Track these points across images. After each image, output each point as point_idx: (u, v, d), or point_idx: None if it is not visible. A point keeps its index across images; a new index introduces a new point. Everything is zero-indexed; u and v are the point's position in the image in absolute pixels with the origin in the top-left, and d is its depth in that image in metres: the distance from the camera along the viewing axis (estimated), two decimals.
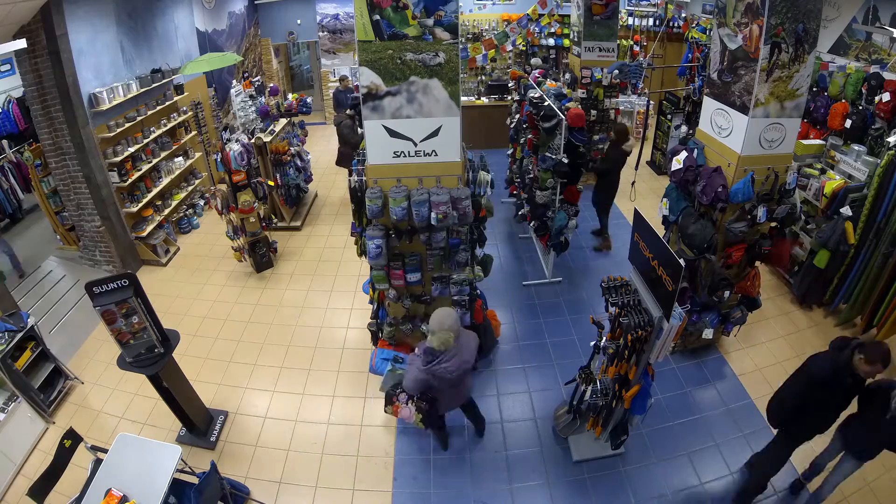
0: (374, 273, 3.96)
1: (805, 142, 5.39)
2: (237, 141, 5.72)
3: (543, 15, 9.12)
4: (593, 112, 7.60)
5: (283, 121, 7.39)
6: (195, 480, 2.88)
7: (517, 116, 6.78)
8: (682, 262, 2.66)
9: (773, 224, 4.13)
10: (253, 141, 6.24)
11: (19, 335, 4.17)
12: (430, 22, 3.24)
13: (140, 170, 6.37)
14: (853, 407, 3.16)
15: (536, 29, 10.42)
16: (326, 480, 3.83)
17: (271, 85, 7.84)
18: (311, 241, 6.98)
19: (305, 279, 6.15)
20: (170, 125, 6.98)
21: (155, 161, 6.67)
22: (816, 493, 3.46)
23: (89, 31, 5.64)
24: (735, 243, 4.07)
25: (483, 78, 10.80)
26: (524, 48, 10.92)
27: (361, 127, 4.80)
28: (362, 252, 4.11)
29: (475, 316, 4.30)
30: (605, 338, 3.38)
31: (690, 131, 5.55)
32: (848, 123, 5.29)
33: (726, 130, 3.99)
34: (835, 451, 3.40)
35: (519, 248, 6.69)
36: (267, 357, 4.98)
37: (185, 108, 7.50)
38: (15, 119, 7.03)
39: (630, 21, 10.37)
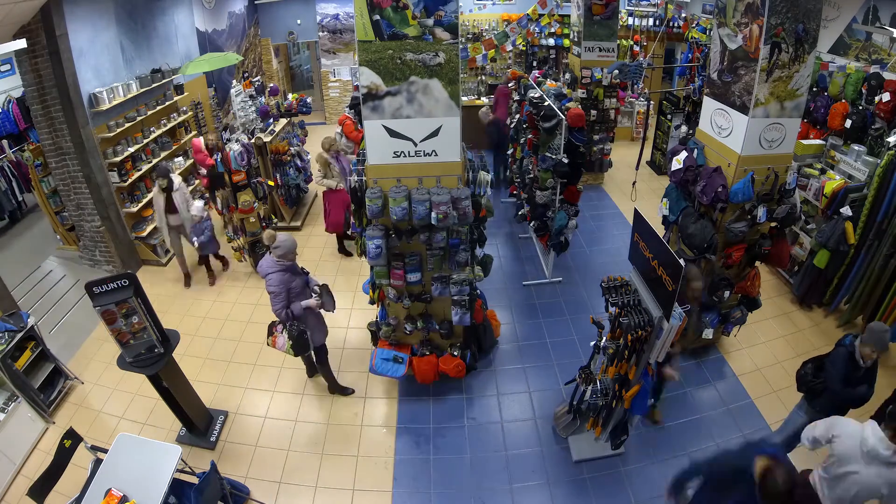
0: (376, 269, 3.96)
1: (805, 142, 5.39)
2: (237, 141, 5.72)
3: (543, 15, 9.13)
4: (593, 112, 7.60)
5: (283, 121, 7.39)
6: (195, 480, 2.87)
7: (517, 116, 6.78)
8: (682, 262, 2.66)
9: (773, 224, 4.13)
10: (253, 141, 6.24)
11: (19, 335, 4.17)
12: (430, 22, 3.24)
13: (140, 170, 6.36)
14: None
15: (536, 29, 10.42)
16: (326, 480, 3.84)
17: (271, 85, 7.84)
18: (311, 241, 6.97)
19: None
20: (170, 125, 6.98)
21: (155, 161, 6.66)
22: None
23: (89, 31, 5.64)
24: (735, 243, 4.07)
25: (483, 78, 10.80)
26: (524, 48, 10.92)
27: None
28: (362, 252, 4.11)
29: (475, 316, 4.30)
30: (605, 338, 3.38)
31: (690, 131, 5.55)
32: (848, 123, 5.29)
33: (726, 130, 3.99)
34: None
35: (519, 248, 6.68)
36: (267, 357, 4.97)
37: (185, 108, 7.50)
38: (15, 119, 7.03)
39: (630, 21, 10.37)
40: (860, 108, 5.32)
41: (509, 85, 7.58)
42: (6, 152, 7.03)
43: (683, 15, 10.18)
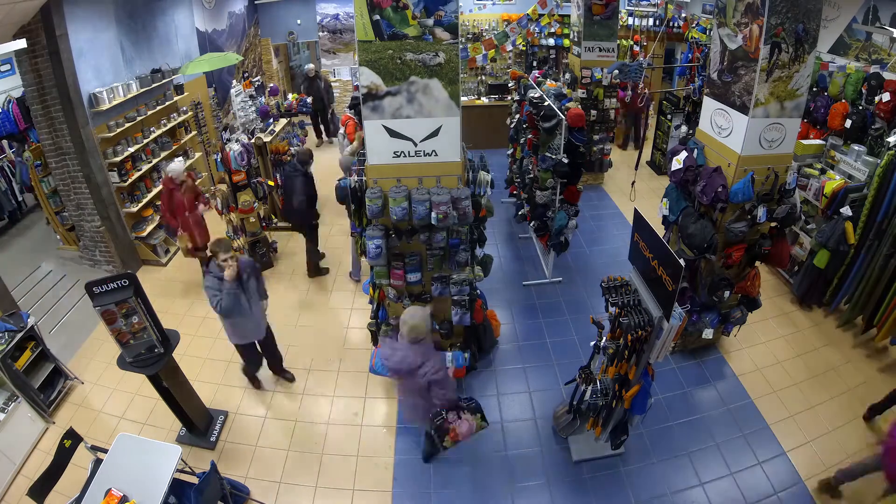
0: (376, 269, 3.96)
1: (805, 142, 5.39)
2: (237, 141, 5.72)
3: (543, 15, 9.13)
4: (593, 112, 7.60)
5: (283, 121, 7.39)
6: (195, 480, 2.87)
7: (517, 116, 6.78)
8: (682, 262, 2.66)
9: (773, 224, 4.13)
10: (253, 141, 6.24)
11: (19, 335, 4.17)
12: (430, 22, 3.24)
13: (140, 170, 6.36)
14: None
15: (536, 29, 10.42)
16: (326, 480, 3.84)
17: (271, 85, 7.84)
18: None
19: (305, 279, 6.14)
20: (170, 125, 6.98)
21: (155, 161, 6.66)
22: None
23: (89, 31, 5.64)
24: (735, 243, 4.07)
25: (483, 78, 10.80)
26: (524, 48, 10.92)
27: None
28: (362, 252, 4.11)
29: (475, 316, 4.30)
30: (605, 338, 3.38)
31: (690, 131, 5.55)
32: (848, 123, 5.29)
33: (726, 130, 3.99)
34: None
35: (519, 248, 6.68)
36: None
37: (185, 108, 7.50)
38: (15, 119, 7.02)
39: (630, 21, 10.37)
40: (860, 108, 5.32)
41: (510, 84, 7.43)
42: (6, 152, 7.03)
43: (683, 15, 10.17)
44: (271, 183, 6.66)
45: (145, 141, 6.44)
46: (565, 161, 5.03)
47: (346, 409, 4.40)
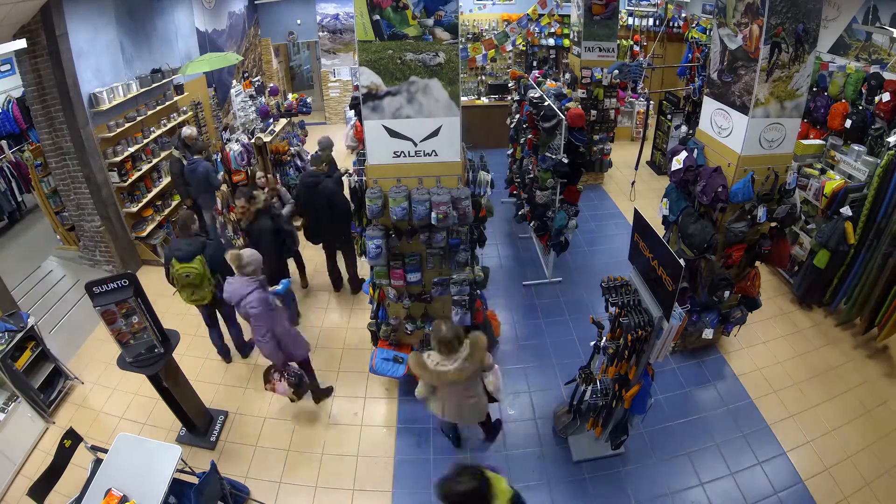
0: (376, 269, 3.97)
1: (805, 142, 5.39)
2: (237, 141, 5.72)
3: (543, 15, 9.12)
4: (593, 112, 7.60)
5: (284, 121, 7.40)
6: (195, 480, 2.88)
7: (517, 116, 6.78)
8: (682, 262, 2.66)
9: (773, 224, 4.13)
10: (253, 141, 6.24)
11: (19, 335, 4.17)
12: (430, 22, 3.25)
13: (140, 170, 6.36)
14: None
15: (536, 29, 10.42)
16: (326, 480, 3.84)
17: (271, 85, 7.84)
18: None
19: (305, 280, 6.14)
20: (170, 125, 6.97)
21: (155, 161, 6.66)
22: None
23: (89, 31, 5.64)
24: (735, 243, 4.07)
25: (483, 78, 10.80)
26: (524, 48, 10.92)
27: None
28: (362, 252, 4.11)
29: (475, 316, 4.30)
30: (605, 338, 3.38)
31: (690, 131, 5.55)
32: (848, 123, 5.28)
33: (726, 130, 3.99)
34: None
35: (519, 248, 6.69)
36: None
37: (185, 108, 7.50)
38: (15, 119, 7.03)
39: (630, 21, 10.37)
40: (860, 108, 5.31)
41: (509, 84, 7.51)
42: (6, 152, 7.03)
43: (683, 15, 10.18)
44: None
45: (145, 141, 6.43)
46: (565, 161, 5.03)
47: (346, 409, 4.41)
